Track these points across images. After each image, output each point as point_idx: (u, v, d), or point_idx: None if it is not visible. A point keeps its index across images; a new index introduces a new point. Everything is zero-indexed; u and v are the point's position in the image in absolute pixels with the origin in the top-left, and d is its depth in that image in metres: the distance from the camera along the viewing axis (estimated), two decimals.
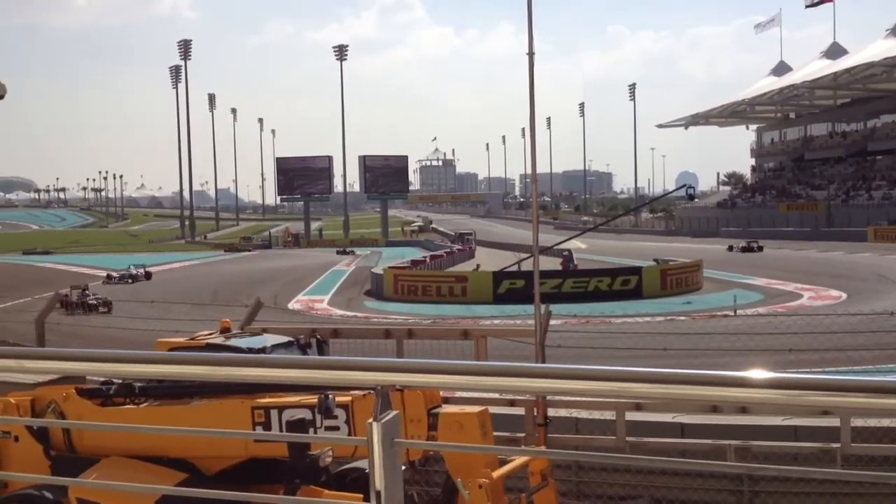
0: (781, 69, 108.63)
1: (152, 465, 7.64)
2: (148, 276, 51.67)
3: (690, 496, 9.11)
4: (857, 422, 8.57)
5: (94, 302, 33.96)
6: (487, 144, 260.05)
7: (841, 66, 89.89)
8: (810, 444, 8.92)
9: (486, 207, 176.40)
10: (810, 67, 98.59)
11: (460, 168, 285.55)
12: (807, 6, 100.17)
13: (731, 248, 66.26)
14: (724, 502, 9.14)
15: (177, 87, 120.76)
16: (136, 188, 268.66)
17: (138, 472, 7.50)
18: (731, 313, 27.69)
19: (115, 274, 50.87)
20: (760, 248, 64.93)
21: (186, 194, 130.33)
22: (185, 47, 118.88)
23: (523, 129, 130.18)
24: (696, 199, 64.69)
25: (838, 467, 8.50)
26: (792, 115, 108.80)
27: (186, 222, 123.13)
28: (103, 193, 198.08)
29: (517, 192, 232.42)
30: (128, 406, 8.03)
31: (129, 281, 49.13)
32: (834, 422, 8.73)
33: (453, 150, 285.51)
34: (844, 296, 35.39)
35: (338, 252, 79.66)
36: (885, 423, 8.59)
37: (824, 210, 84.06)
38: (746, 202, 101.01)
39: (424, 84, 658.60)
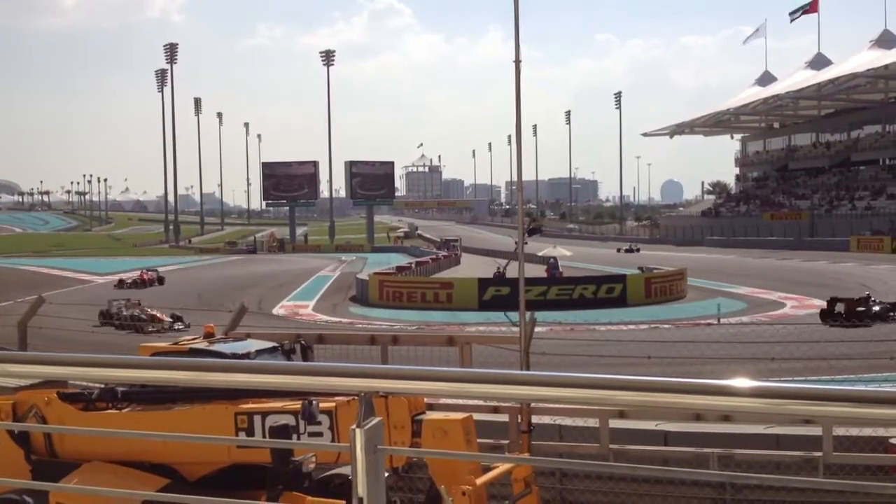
0: (766, 79, 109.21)
1: (134, 471, 7.60)
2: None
3: None
4: (839, 431, 8.61)
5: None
6: (474, 151, 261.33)
7: (825, 76, 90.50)
8: (793, 452, 8.97)
9: (472, 214, 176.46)
10: (795, 78, 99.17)
11: (446, 174, 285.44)
12: (792, 19, 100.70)
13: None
14: None
15: (162, 91, 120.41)
16: (120, 192, 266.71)
17: (120, 478, 7.45)
18: (715, 322, 27.82)
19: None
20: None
21: (171, 198, 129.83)
22: (171, 51, 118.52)
23: (510, 137, 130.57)
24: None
25: (820, 476, 8.53)
26: (776, 125, 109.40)
27: (171, 226, 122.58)
28: (87, 197, 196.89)
29: (503, 198, 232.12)
30: (110, 411, 7.99)
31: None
32: (816, 431, 8.78)
33: (439, 157, 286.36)
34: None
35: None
36: (867, 432, 8.63)
37: (808, 220, 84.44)
38: (730, 211, 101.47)
39: (413, 90, 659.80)
